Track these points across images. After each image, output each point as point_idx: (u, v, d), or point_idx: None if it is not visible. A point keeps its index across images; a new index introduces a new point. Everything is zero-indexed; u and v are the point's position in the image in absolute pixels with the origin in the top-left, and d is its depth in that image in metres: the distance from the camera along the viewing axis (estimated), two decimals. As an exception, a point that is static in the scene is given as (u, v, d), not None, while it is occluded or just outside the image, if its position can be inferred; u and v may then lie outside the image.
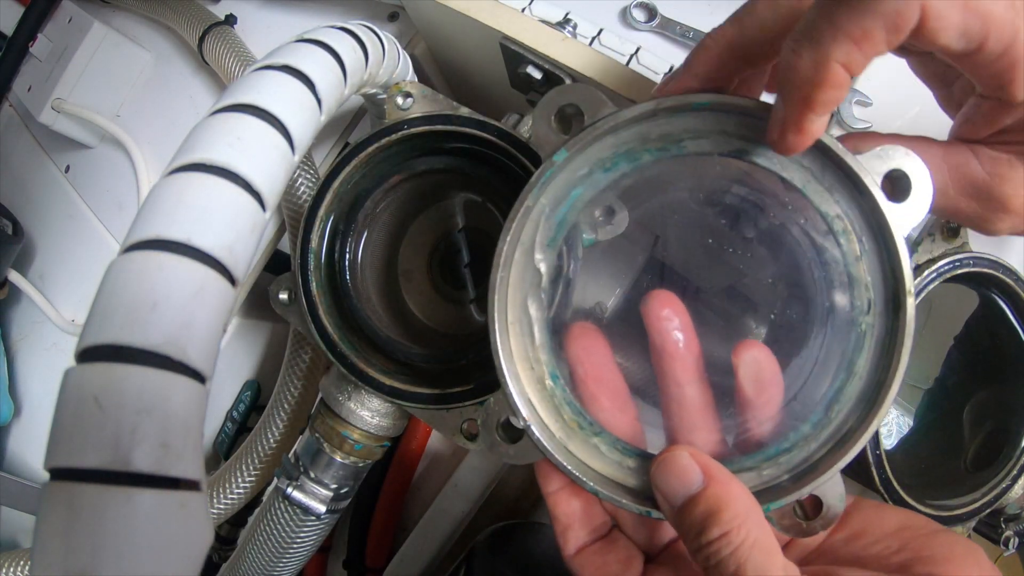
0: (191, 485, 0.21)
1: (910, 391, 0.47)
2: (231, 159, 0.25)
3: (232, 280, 0.23)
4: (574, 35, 0.52)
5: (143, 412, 0.20)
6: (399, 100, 0.44)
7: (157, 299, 0.21)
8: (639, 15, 0.55)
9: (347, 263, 0.44)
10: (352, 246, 0.44)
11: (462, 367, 0.44)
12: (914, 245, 0.41)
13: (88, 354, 0.20)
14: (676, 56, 0.55)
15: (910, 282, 0.30)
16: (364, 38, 0.37)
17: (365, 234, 0.46)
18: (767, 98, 0.33)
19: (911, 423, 0.47)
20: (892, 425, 0.46)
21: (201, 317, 0.22)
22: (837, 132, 0.52)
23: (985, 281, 0.42)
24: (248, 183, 0.25)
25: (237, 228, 0.24)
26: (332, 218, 0.45)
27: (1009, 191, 0.31)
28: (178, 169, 0.24)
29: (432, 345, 0.48)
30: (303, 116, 0.29)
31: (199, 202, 0.23)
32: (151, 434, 0.20)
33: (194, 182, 0.24)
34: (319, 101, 0.31)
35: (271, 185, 0.26)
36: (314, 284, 0.44)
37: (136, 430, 0.19)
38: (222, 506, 0.58)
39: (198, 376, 0.21)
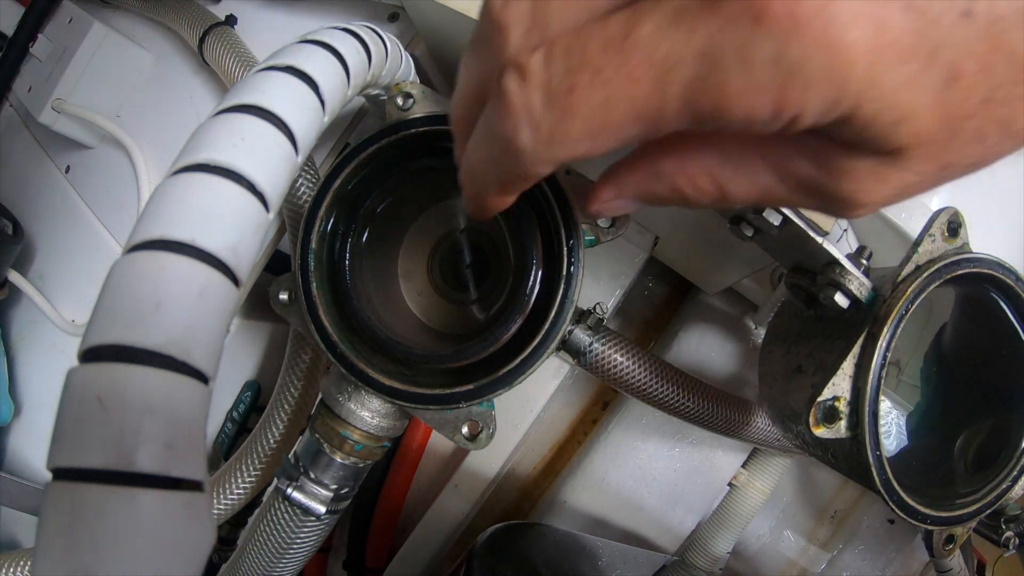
0: (194, 486, 0.21)
1: (910, 391, 0.47)
2: (235, 160, 0.25)
3: (235, 281, 0.23)
4: (575, 36, 0.52)
5: (147, 412, 0.20)
6: (399, 100, 0.44)
7: (161, 299, 0.21)
8: (640, 16, 0.55)
9: (347, 263, 0.44)
10: (352, 246, 0.44)
11: (462, 367, 0.44)
12: (914, 246, 0.41)
13: (91, 354, 0.20)
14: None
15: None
16: (367, 39, 0.37)
17: (366, 234, 0.46)
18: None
19: (911, 424, 0.47)
20: (892, 426, 0.46)
21: (205, 318, 0.22)
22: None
23: (985, 281, 0.42)
24: (252, 184, 0.25)
25: (241, 229, 0.24)
26: (332, 218, 0.45)
27: (849, 187, 0.24)
28: (182, 170, 0.24)
29: (433, 346, 0.48)
30: (306, 117, 0.29)
31: (203, 203, 0.23)
32: (155, 434, 0.20)
33: (198, 183, 0.24)
34: (322, 102, 0.31)
35: (274, 186, 0.26)
36: (314, 284, 0.44)
37: (140, 430, 0.19)
38: (222, 506, 0.58)
39: (201, 377, 0.21)
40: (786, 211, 0.38)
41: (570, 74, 0.22)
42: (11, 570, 0.57)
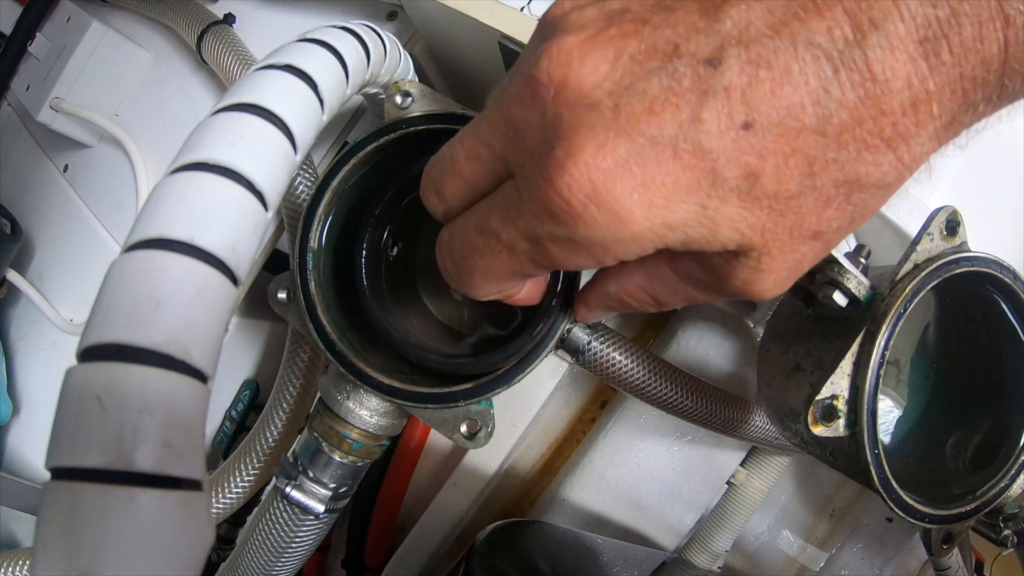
0: (193, 485, 0.21)
1: (908, 390, 0.47)
2: (233, 159, 0.25)
3: (234, 280, 0.23)
4: (573, 35, 0.52)
5: (146, 412, 0.20)
6: (398, 99, 0.44)
7: (159, 298, 0.21)
8: (638, 15, 0.55)
9: (363, 263, 0.43)
10: (369, 243, 0.44)
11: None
12: (913, 244, 0.41)
13: (90, 353, 0.20)
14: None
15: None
16: (366, 38, 0.37)
17: (386, 233, 0.45)
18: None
19: (910, 422, 0.47)
20: (890, 425, 0.46)
21: (203, 317, 0.22)
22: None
23: (985, 281, 0.42)
24: (250, 183, 0.25)
25: (239, 228, 0.24)
26: (332, 217, 0.45)
27: (737, 285, 0.28)
28: (180, 168, 0.24)
29: (445, 341, 0.48)
30: (305, 116, 0.29)
31: (202, 202, 0.23)
32: (154, 434, 0.20)
33: (196, 181, 0.24)
34: (321, 101, 0.31)
35: (273, 185, 0.26)
36: (312, 283, 0.44)
37: (139, 430, 0.19)
38: (221, 505, 0.58)
39: (200, 376, 0.21)
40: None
41: (461, 247, 0.29)
42: (10, 570, 0.57)
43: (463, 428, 0.44)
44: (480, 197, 0.29)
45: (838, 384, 0.38)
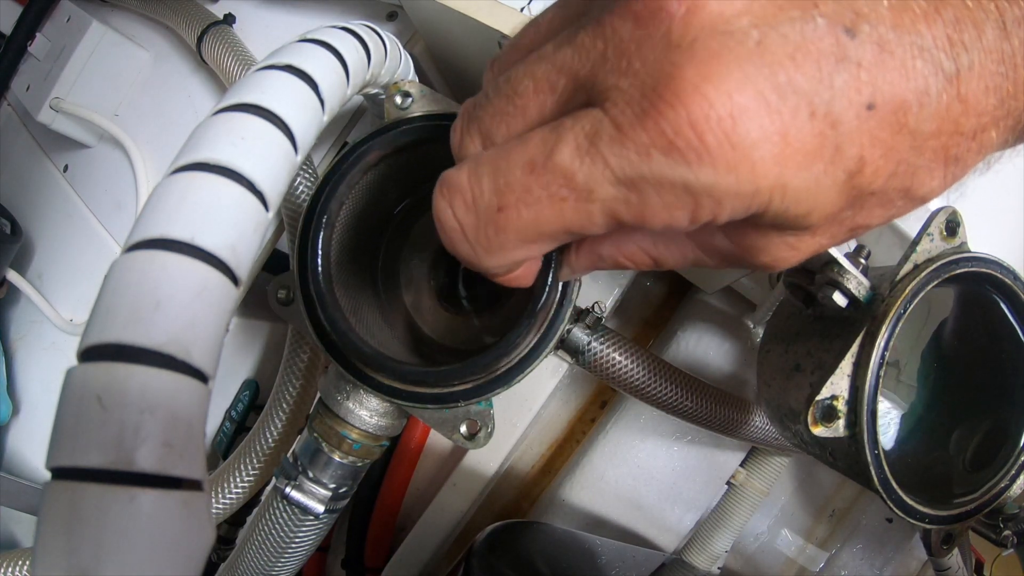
0: (193, 485, 0.21)
1: (909, 390, 0.47)
2: (234, 159, 0.25)
3: (235, 280, 0.23)
4: (573, 35, 0.52)
5: (146, 412, 0.20)
6: (398, 99, 0.44)
7: (160, 298, 0.21)
8: (638, 15, 0.55)
9: (319, 266, 0.40)
10: (325, 243, 0.41)
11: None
12: (912, 245, 0.41)
13: (91, 353, 0.20)
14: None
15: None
16: (366, 38, 0.37)
17: (358, 238, 0.45)
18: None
19: (909, 423, 0.47)
20: (890, 425, 0.46)
21: (204, 317, 0.22)
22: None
23: (985, 281, 0.42)
24: (251, 183, 0.25)
25: (240, 228, 0.24)
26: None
27: (765, 260, 0.26)
28: (181, 168, 0.24)
29: (437, 358, 0.47)
30: (306, 116, 0.29)
31: (202, 202, 0.23)
32: (154, 434, 0.20)
33: (197, 181, 0.24)
34: (322, 101, 0.31)
35: (274, 185, 0.26)
36: (312, 284, 0.44)
37: (139, 430, 0.19)
38: (221, 506, 0.58)
39: (201, 376, 0.21)
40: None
41: (499, 192, 0.23)
42: (10, 570, 0.57)
43: (463, 428, 0.44)
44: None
45: (838, 384, 0.38)
